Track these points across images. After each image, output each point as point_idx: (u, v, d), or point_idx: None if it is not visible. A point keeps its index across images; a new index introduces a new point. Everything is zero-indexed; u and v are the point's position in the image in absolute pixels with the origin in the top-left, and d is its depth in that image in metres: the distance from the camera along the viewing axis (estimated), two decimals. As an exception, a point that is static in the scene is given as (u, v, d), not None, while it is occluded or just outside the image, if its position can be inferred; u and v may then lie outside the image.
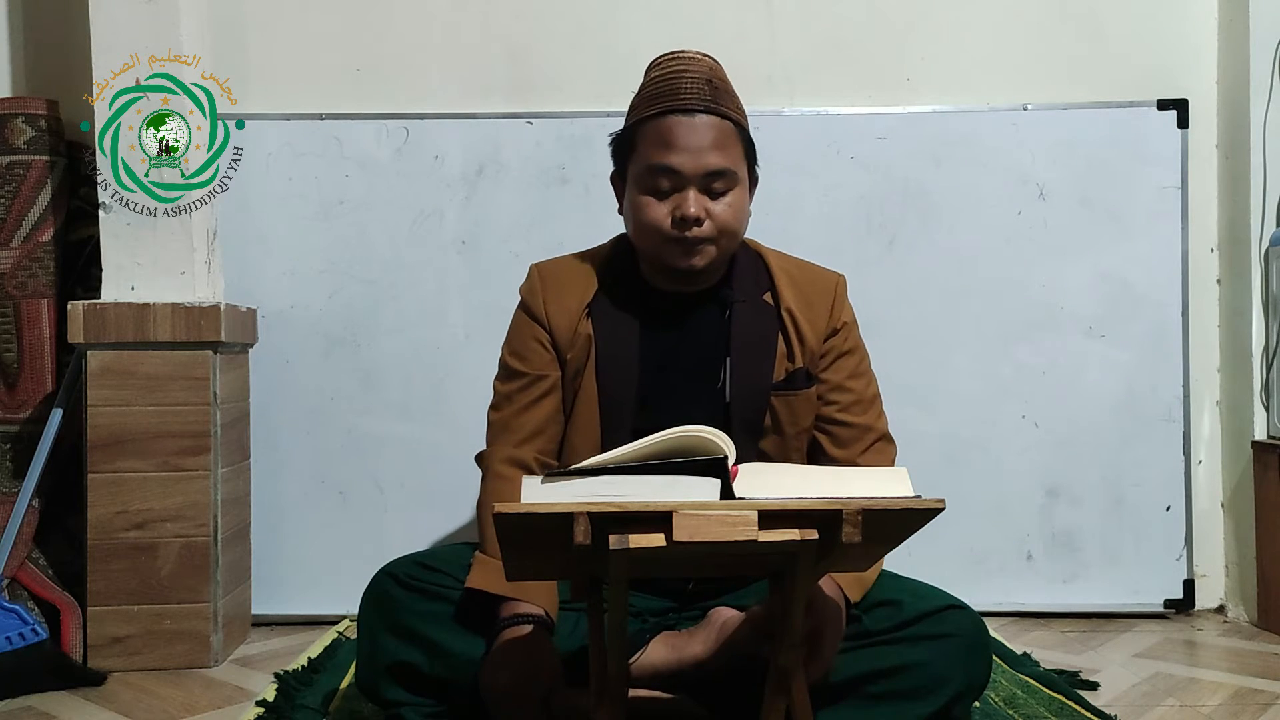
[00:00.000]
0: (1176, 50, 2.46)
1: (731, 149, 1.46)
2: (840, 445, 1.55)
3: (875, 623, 1.39)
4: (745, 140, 1.50)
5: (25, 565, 2.07)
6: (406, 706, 1.41)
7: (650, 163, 1.45)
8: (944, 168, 2.39)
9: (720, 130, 1.45)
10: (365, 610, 1.45)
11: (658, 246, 1.48)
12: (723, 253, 1.49)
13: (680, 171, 1.43)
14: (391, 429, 2.38)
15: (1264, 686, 1.90)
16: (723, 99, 1.47)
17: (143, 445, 2.04)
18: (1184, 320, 2.39)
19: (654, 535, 1.01)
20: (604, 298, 1.55)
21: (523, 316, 1.59)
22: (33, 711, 1.80)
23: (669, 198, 1.45)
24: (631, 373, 1.51)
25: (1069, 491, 2.40)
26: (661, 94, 1.47)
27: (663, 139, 1.44)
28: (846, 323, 1.58)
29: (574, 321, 1.54)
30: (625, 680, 1.20)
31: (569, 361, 1.54)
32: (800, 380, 1.53)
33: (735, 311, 1.52)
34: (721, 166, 1.44)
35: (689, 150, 1.43)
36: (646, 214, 1.46)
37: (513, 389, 1.55)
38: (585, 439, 1.51)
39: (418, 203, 2.39)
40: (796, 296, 1.55)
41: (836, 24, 2.46)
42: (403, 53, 2.44)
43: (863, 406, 1.56)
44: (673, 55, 1.50)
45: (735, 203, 1.47)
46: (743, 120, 1.50)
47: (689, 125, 1.44)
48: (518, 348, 1.57)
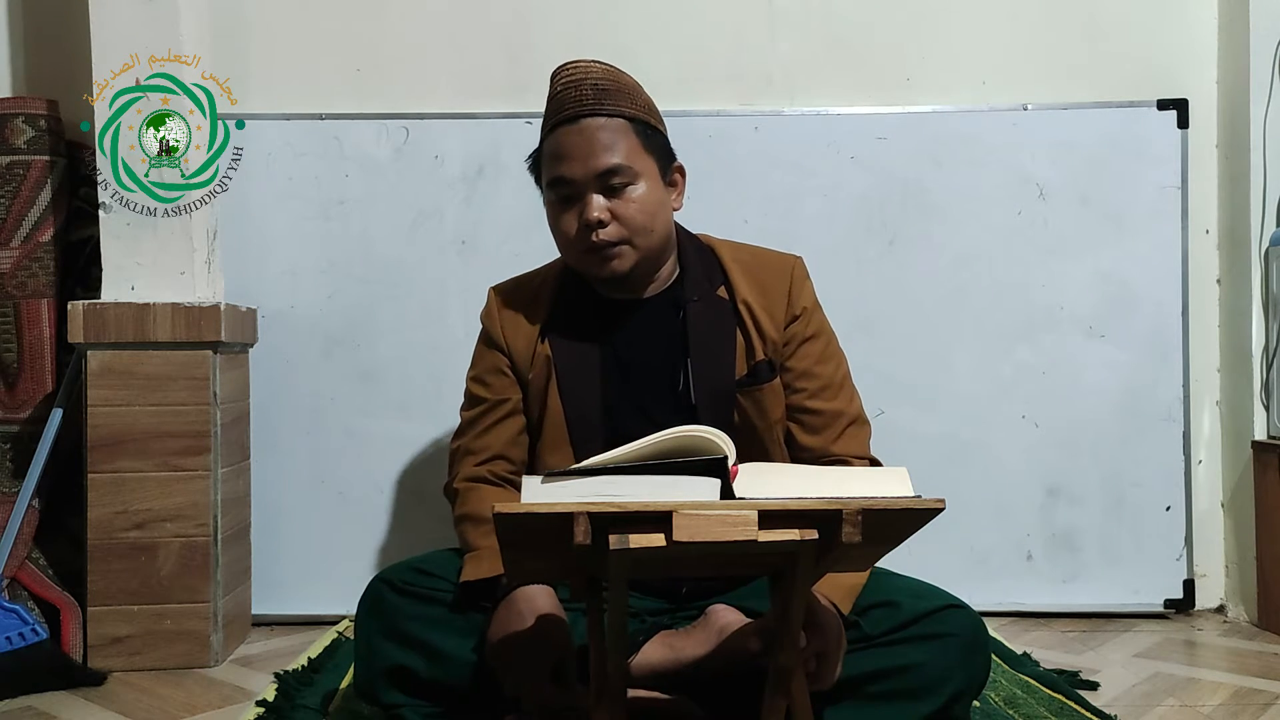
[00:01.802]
0: (1176, 50, 2.46)
1: (623, 145, 1.46)
2: (812, 432, 1.54)
3: (874, 624, 1.39)
4: (646, 134, 1.50)
5: (25, 565, 2.07)
6: (406, 708, 1.41)
7: (549, 177, 1.50)
8: (944, 168, 2.39)
9: (608, 129, 1.46)
10: (362, 616, 1.46)
11: (578, 260, 1.51)
12: (645, 252, 1.49)
13: (573, 179, 1.46)
14: (391, 429, 2.38)
15: (1264, 686, 1.90)
16: (609, 99, 1.48)
17: (143, 445, 2.04)
18: (1184, 320, 2.39)
19: (654, 535, 1.01)
20: (559, 315, 1.56)
21: (482, 346, 1.62)
22: (33, 711, 1.81)
23: (574, 207, 1.48)
24: (594, 386, 1.52)
25: (1069, 491, 2.40)
26: (552, 110, 1.51)
27: (555, 151, 1.48)
28: (806, 307, 1.56)
29: (531, 343, 1.55)
30: (624, 680, 1.20)
31: (530, 382, 1.55)
32: (764, 373, 1.52)
33: (689, 311, 1.52)
34: (611, 164, 1.45)
35: (576, 157, 1.45)
36: (559, 226, 1.50)
37: (474, 414, 1.58)
38: (557, 455, 1.52)
39: (418, 203, 2.39)
40: (751, 287, 1.54)
41: (836, 24, 2.46)
42: (403, 53, 2.44)
43: (831, 391, 1.55)
44: (562, 67, 1.53)
45: (641, 197, 1.47)
46: (641, 115, 1.50)
47: (575, 132, 1.46)
48: (481, 374, 1.60)
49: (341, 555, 2.35)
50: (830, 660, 1.30)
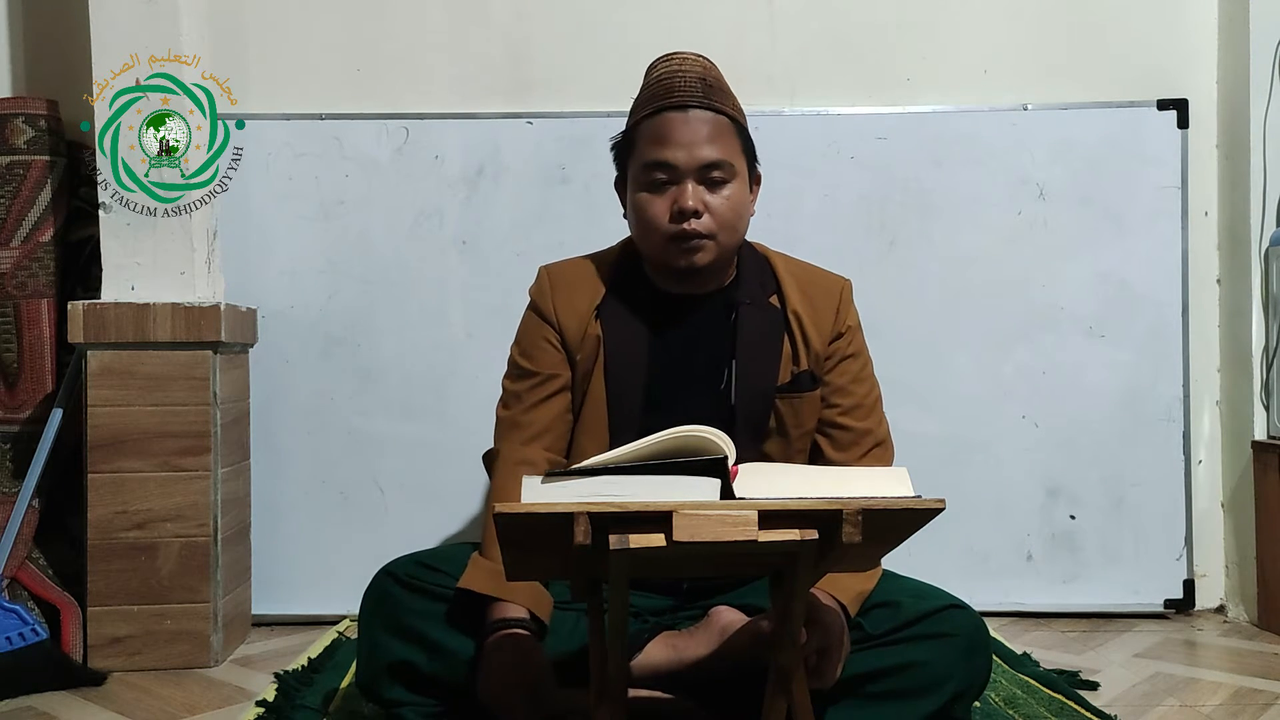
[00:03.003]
0: (1176, 50, 2.46)
1: (727, 142, 1.47)
2: (839, 448, 1.56)
3: (875, 624, 1.39)
4: (743, 137, 1.51)
5: (25, 565, 2.07)
6: (406, 706, 1.41)
7: (647, 159, 1.47)
8: (944, 168, 2.39)
9: (715, 124, 1.46)
10: (365, 609, 1.46)
11: (660, 246, 1.49)
12: (723, 250, 1.49)
13: (675, 165, 1.45)
14: (391, 429, 2.38)
15: (1264, 686, 1.90)
16: (717, 95, 1.48)
17: (143, 445, 2.04)
18: (1184, 320, 2.39)
19: (654, 535, 1.01)
20: (612, 300, 1.55)
21: (532, 317, 1.59)
22: (33, 711, 1.80)
23: (667, 193, 1.46)
24: (639, 374, 1.52)
25: (1069, 491, 2.40)
26: (656, 94, 1.49)
27: (658, 135, 1.46)
28: (851, 326, 1.59)
29: (583, 323, 1.54)
30: (625, 680, 1.20)
31: (578, 363, 1.54)
32: (805, 383, 1.53)
33: (741, 313, 1.53)
34: (716, 158, 1.45)
35: (683, 144, 1.45)
36: (647, 211, 1.48)
37: (522, 388, 1.56)
38: (593, 440, 1.52)
39: (418, 203, 2.39)
40: (802, 299, 1.56)
41: (837, 24, 2.46)
42: (403, 53, 2.44)
43: (864, 411, 1.57)
44: (667, 57, 1.52)
45: (733, 196, 1.47)
46: (739, 117, 1.51)
47: (683, 120, 1.46)
48: (527, 347, 1.58)
49: (341, 555, 2.35)
50: (831, 657, 1.31)
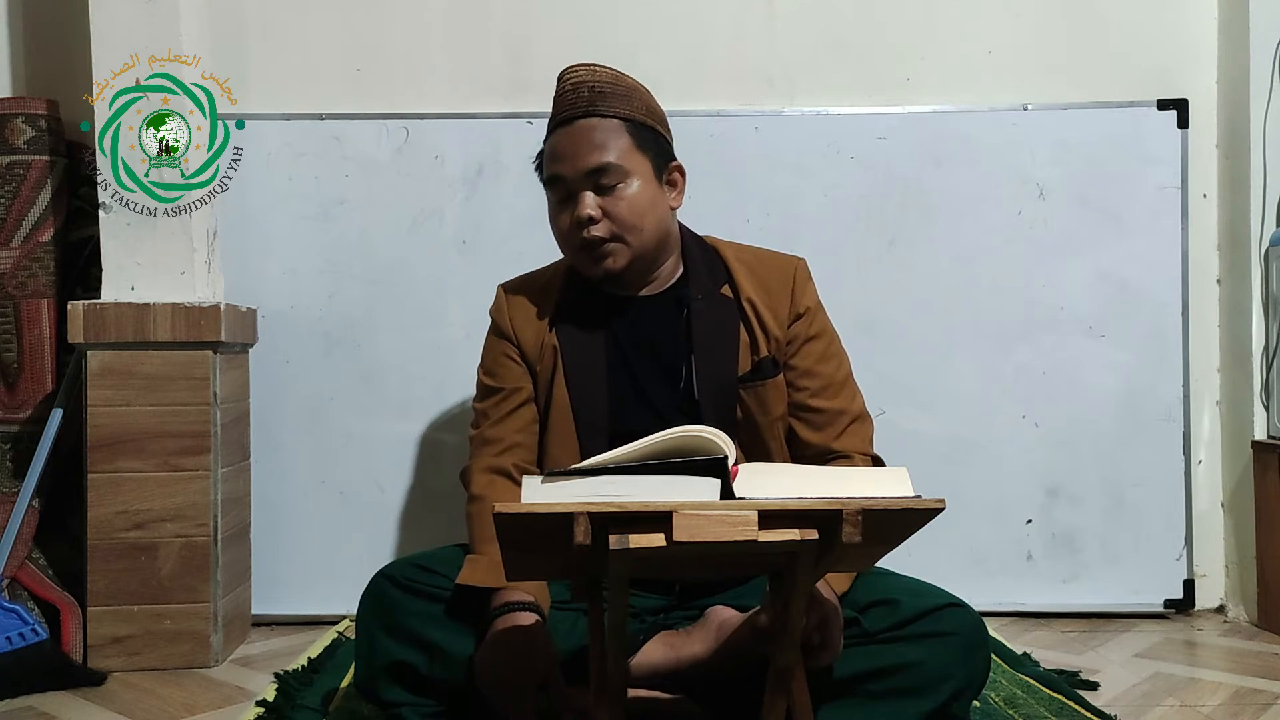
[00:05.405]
0: (1176, 50, 2.46)
1: (615, 144, 1.50)
2: (814, 429, 1.57)
3: (874, 622, 1.39)
4: (640, 134, 1.52)
5: (25, 565, 2.07)
6: (405, 706, 1.41)
7: (546, 177, 1.55)
8: (944, 168, 2.39)
9: (601, 129, 1.50)
10: (363, 612, 1.46)
11: (574, 257, 1.56)
12: (639, 250, 1.52)
13: (564, 177, 1.51)
14: (391, 429, 2.38)
15: (1264, 686, 1.90)
16: (604, 101, 1.51)
17: (143, 445, 2.04)
18: (1184, 320, 2.39)
19: (654, 535, 1.01)
20: (566, 309, 1.60)
21: (492, 337, 1.65)
22: (33, 711, 1.80)
23: (568, 206, 1.52)
24: (599, 379, 1.54)
25: (1069, 491, 2.40)
26: (552, 114, 1.55)
27: (550, 153, 1.54)
28: (810, 307, 1.59)
29: (540, 334, 1.59)
30: (625, 680, 1.20)
31: (539, 373, 1.58)
32: (767, 369, 1.55)
33: (693, 308, 1.55)
34: (601, 162, 1.49)
35: (567, 156, 1.50)
36: (555, 226, 1.56)
37: (488, 405, 1.60)
38: (563, 448, 1.54)
39: (418, 203, 2.39)
40: (755, 286, 1.57)
41: (837, 24, 2.46)
42: (403, 53, 2.44)
43: (834, 390, 1.58)
44: (564, 73, 1.57)
45: (631, 196, 1.50)
46: (640, 116, 1.53)
47: (568, 133, 1.51)
48: (490, 365, 1.63)
49: (341, 555, 2.35)
50: (831, 629, 1.31)
